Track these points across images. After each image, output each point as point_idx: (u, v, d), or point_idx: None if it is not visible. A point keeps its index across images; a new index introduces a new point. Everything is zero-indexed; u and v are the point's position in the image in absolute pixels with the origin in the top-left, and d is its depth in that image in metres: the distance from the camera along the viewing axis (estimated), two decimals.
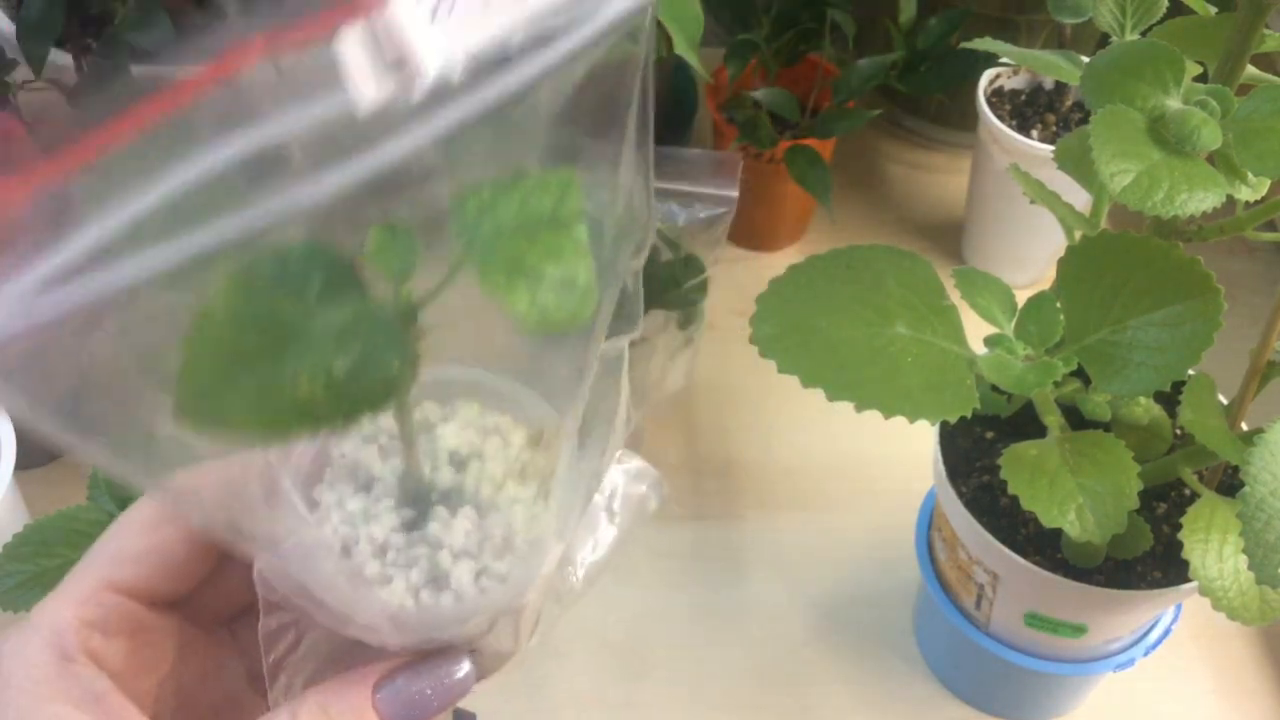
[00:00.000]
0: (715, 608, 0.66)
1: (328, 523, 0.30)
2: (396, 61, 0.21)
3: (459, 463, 0.31)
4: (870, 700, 0.62)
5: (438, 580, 0.30)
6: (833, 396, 0.41)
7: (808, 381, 0.41)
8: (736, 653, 0.64)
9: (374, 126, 0.21)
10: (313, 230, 0.23)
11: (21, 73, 0.66)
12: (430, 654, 0.31)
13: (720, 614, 0.65)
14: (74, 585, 0.31)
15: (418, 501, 0.31)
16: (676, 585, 0.67)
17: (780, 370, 0.42)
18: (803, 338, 0.43)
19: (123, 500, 0.48)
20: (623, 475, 0.35)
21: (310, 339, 0.23)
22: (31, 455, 0.66)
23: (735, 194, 0.64)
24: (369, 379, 0.24)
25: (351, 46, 0.21)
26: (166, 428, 0.24)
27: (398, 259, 0.25)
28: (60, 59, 0.68)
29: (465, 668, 0.31)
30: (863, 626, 0.65)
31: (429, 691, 0.30)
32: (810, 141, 0.75)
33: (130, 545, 0.31)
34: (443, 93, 0.21)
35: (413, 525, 0.31)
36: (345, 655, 0.32)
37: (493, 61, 0.22)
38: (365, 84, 0.21)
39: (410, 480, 0.31)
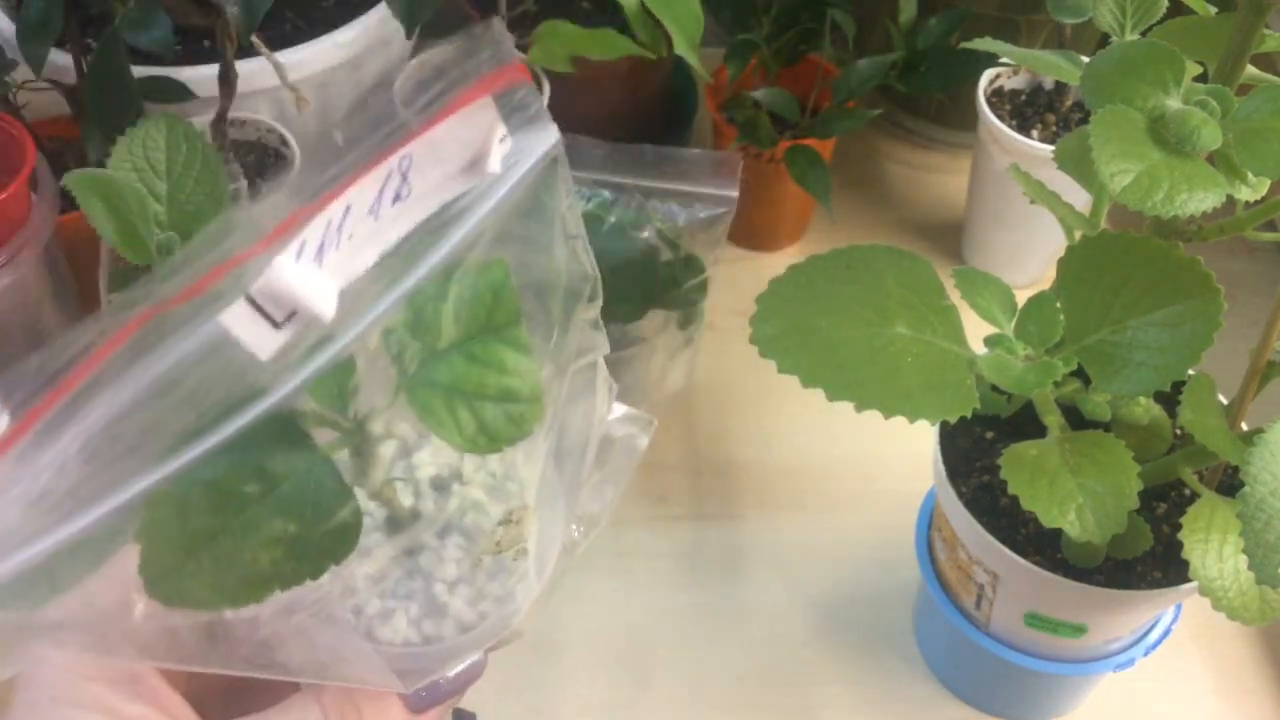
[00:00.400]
0: (715, 608, 0.66)
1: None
2: (290, 315, 0.21)
3: (440, 486, 0.32)
4: (870, 700, 0.62)
5: (436, 610, 0.30)
6: (833, 396, 0.41)
7: (808, 381, 0.41)
8: (736, 653, 0.64)
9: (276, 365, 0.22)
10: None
11: (21, 73, 0.66)
12: None
13: (720, 614, 0.65)
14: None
15: (407, 529, 0.31)
16: (676, 585, 0.67)
17: (780, 370, 0.42)
18: (803, 338, 0.43)
19: None
20: (612, 424, 0.35)
21: (258, 509, 0.24)
22: None
23: (735, 194, 0.64)
24: (325, 535, 0.24)
25: (237, 319, 0.21)
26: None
27: (334, 388, 0.25)
28: (60, 59, 0.68)
29: (477, 652, 0.32)
30: (863, 626, 0.65)
31: (444, 674, 0.31)
32: (810, 141, 0.75)
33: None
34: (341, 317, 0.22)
35: (407, 553, 0.31)
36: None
37: (396, 256, 0.23)
38: (263, 343, 0.21)
39: (395, 520, 0.31)
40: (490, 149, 0.24)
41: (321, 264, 0.22)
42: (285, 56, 0.70)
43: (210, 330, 0.21)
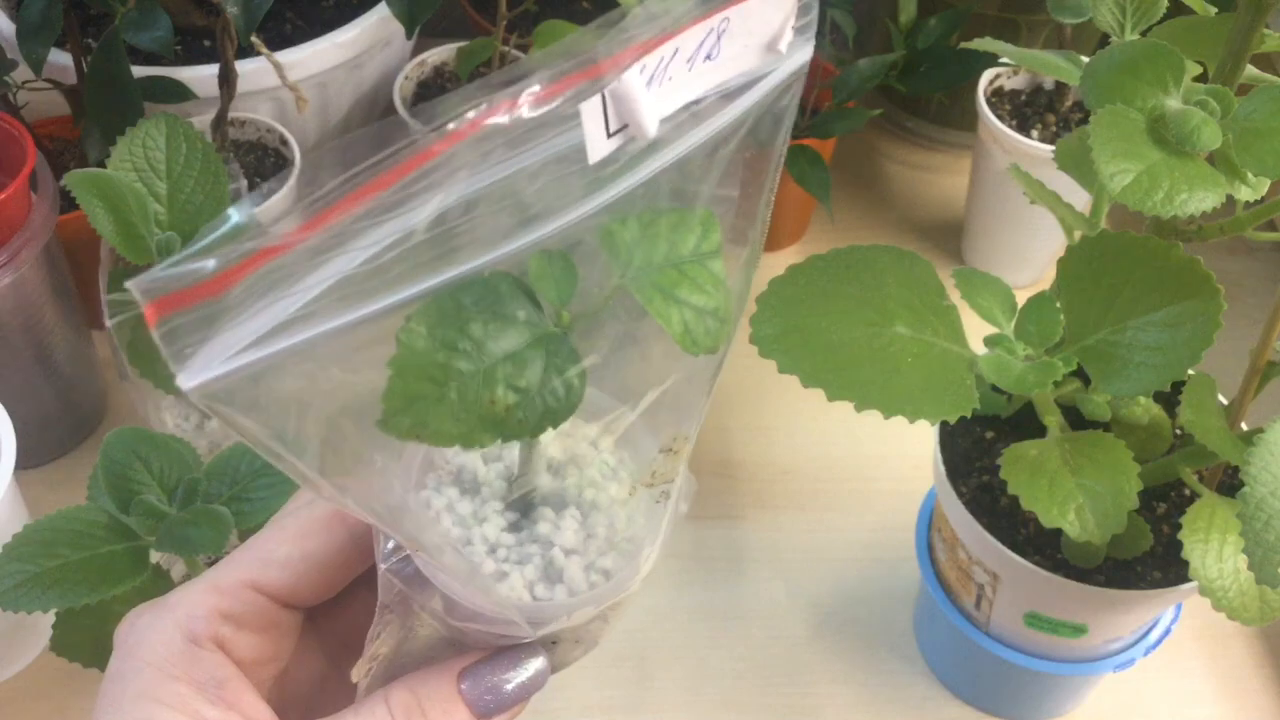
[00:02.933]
0: (715, 608, 0.66)
1: (440, 524, 0.32)
2: (622, 128, 0.25)
3: (555, 469, 0.34)
4: (870, 700, 0.62)
5: (550, 575, 0.32)
6: (833, 396, 0.41)
7: (808, 381, 0.41)
8: (736, 652, 0.64)
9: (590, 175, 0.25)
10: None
11: (22, 73, 0.66)
12: (509, 648, 0.33)
13: (720, 614, 0.65)
14: (218, 576, 0.32)
15: (521, 505, 0.33)
16: (676, 585, 0.67)
17: (780, 370, 0.42)
18: (803, 338, 0.43)
19: (124, 502, 0.48)
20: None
21: (500, 358, 0.26)
22: (31, 455, 0.67)
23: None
24: (556, 393, 0.27)
25: (591, 112, 0.25)
26: (352, 437, 0.26)
27: (558, 284, 0.28)
28: (60, 59, 0.68)
29: (540, 661, 0.33)
30: (863, 626, 0.65)
31: (508, 680, 0.32)
32: (810, 141, 0.75)
33: (280, 550, 0.33)
34: (650, 147, 0.26)
35: (518, 527, 0.32)
36: (432, 656, 0.33)
37: (684, 117, 0.26)
38: (596, 145, 0.25)
39: (517, 485, 0.33)
40: (785, 31, 0.27)
41: (649, 93, 0.25)
42: (285, 56, 0.70)
43: (563, 139, 0.24)
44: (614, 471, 0.34)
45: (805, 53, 0.28)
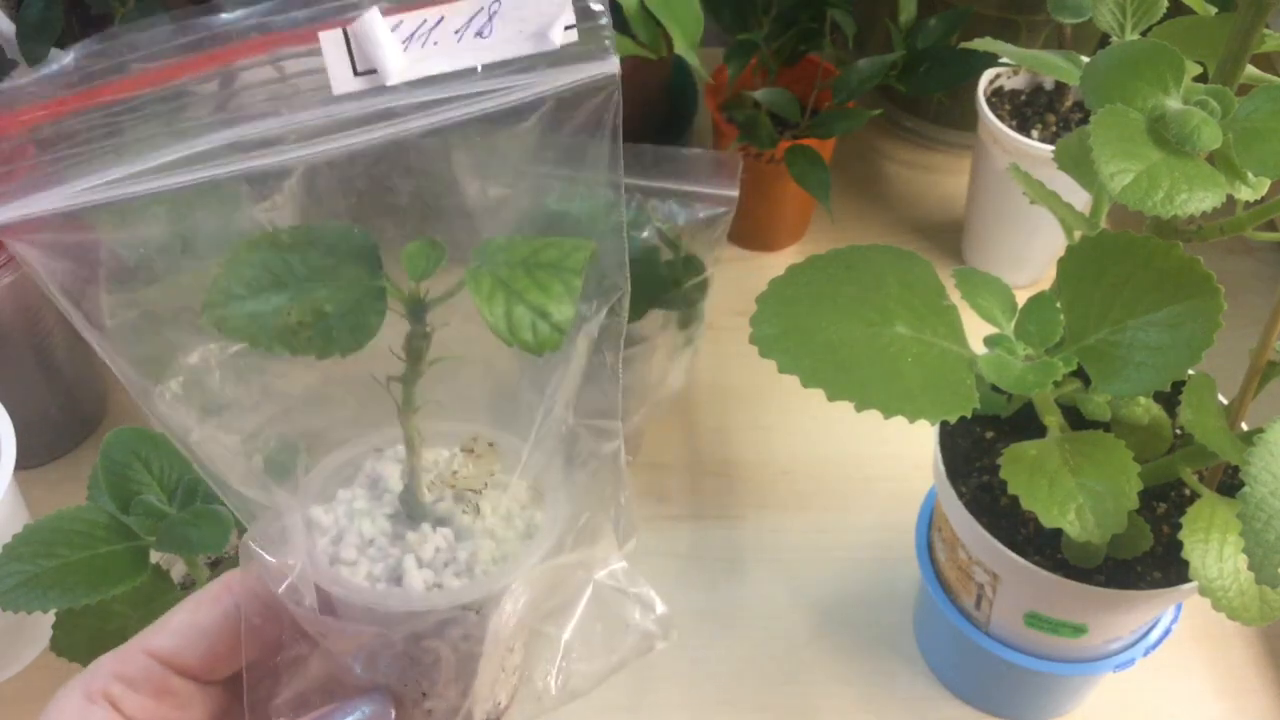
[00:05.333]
0: (715, 608, 0.66)
1: (333, 513, 0.34)
2: (369, 71, 0.27)
3: (458, 493, 0.35)
4: (870, 700, 0.62)
5: (394, 578, 0.33)
6: (833, 396, 0.41)
7: (808, 381, 0.41)
8: (737, 653, 0.64)
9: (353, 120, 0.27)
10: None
11: (21, 73, 0.66)
12: (361, 698, 0.34)
13: (720, 614, 0.65)
14: (123, 646, 0.35)
15: (415, 516, 0.35)
16: (676, 585, 0.67)
17: (780, 370, 0.42)
18: (803, 338, 0.43)
19: (124, 502, 0.48)
20: (633, 602, 0.38)
21: (313, 286, 0.29)
22: (31, 455, 0.67)
23: (735, 194, 0.64)
24: (346, 326, 0.29)
25: (331, 43, 0.27)
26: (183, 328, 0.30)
27: (423, 263, 0.30)
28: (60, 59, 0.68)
29: (374, 708, 0.34)
30: (863, 626, 0.65)
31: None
32: (810, 141, 0.75)
33: (173, 619, 0.35)
34: (415, 104, 0.28)
35: (398, 534, 0.34)
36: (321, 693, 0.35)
37: (460, 89, 0.28)
38: (340, 78, 0.27)
39: (411, 497, 0.34)
40: (556, 27, 0.28)
41: (406, 49, 0.27)
42: None
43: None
44: (508, 516, 0.35)
45: (605, 65, 0.29)
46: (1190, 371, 0.43)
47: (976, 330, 0.45)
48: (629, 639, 0.37)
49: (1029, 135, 0.74)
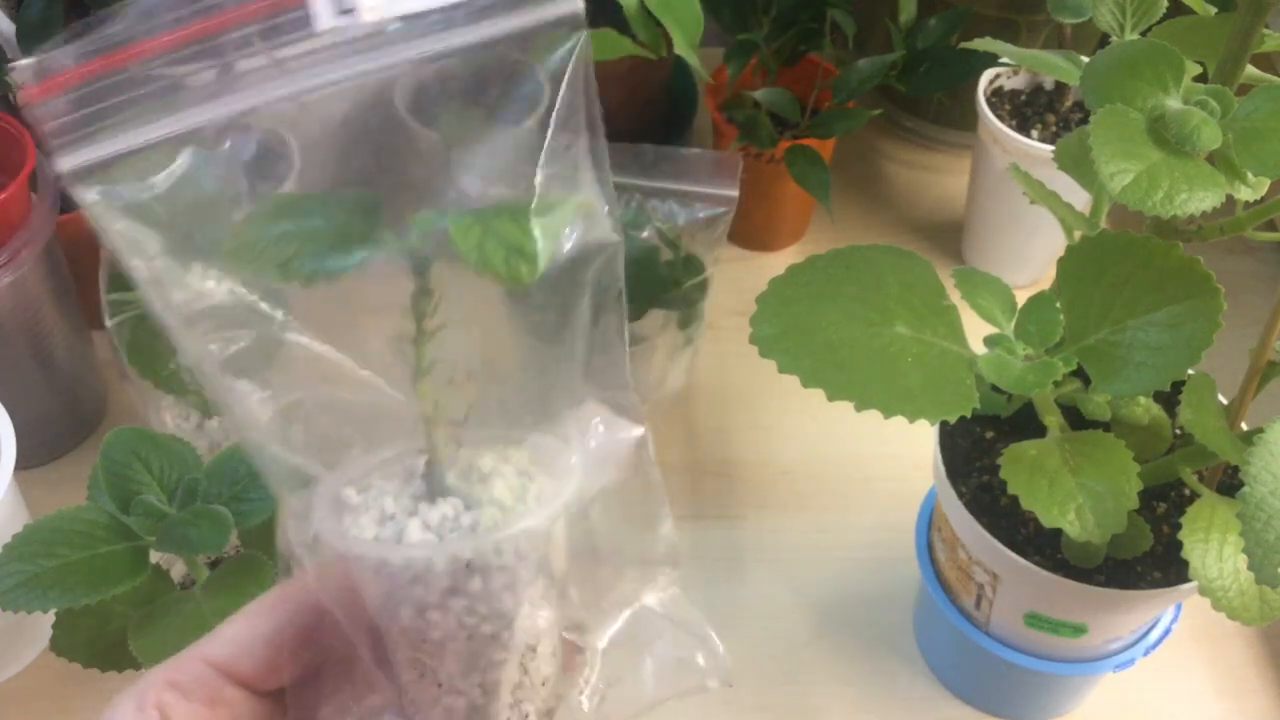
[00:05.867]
0: (715, 608, 0.66)
1: (364, 495, 0.35)
2: (350, 9, 0.29)
3: (485, 483, 0.35)
4: (870, 700, 0.62)
5: (394, 530, 0.34)
6: (833, 396, 0.41)
7: (808, 381, 0.41)
8: (737, 653, 0.64)
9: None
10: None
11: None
12: None
13: (720, 614, 0.65)
14: (178, 654, 0.35)
15: (436, 493, 0.35)
16: (676, 585, 0.66)
17: (780, 370, 0.42)
18: (803, 338, 0.43)
19: (124, 502, 0.48)
20: (689, 636, 0.38)
21: (311, 220, 0.31)
22: (31, 455, 0.67)
23: (735, 194, 0.64)
24: (339, 261, 0.31)
25: None
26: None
27: (427, 223, 0.31)
28: None
29: None
30: (863, 626, 0.65)
31: None
32: (810, 141, 0.75)
33: (228, 628, 0.35)
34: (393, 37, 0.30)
35: (414, 510, 0.34)
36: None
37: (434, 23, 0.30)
38: (321, 13, 0.28)
39: (430, 471, 0.35)
40: None
41: None
42: None
43: None
44: (520, 489, 0.35)
45: (569, 4, 0.30)
46: (1190, 371, 0.43)
47: (976, 330, 0.45)
48: (680, 674, 0.37)
49: (1029, 135, 0.74)
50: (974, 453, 0.53)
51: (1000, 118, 0.74)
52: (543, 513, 0.34)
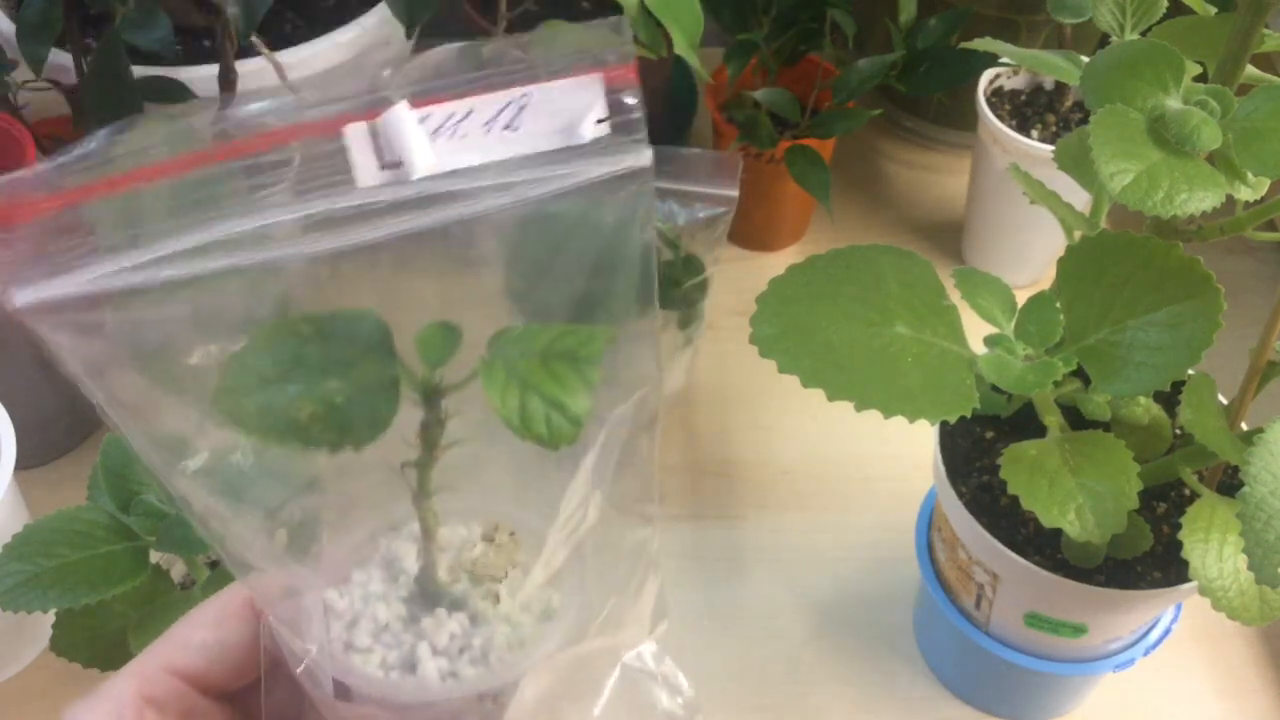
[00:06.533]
0: (715, 608, 0.66)
1: (348, 597, 0.34)
2: (396, 163, 0.26)
3: (477, 579, 0.35)
4: (870, 700, 0.62)
5: (409, 665, 0.33)
6: (833, 396, 0.41)
7: (808, 381, 0.41)
8: (736, 653, 0.64)
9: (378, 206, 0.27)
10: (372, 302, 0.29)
11: (21, 73, 0.66)
12: None
13: (720, 614, 0.65)
14: (139, 663, 0.34)
15: (430, 599, 0.34)
16: (677, 585, 0.67)
17: (780, 370, 0.42)
18: (803, 338, 0.43)
19: (124, 502, 0.48)
20: (661, 684, 0.38)
21: (325, 377, 0.29)
22: (31, 455, 0.66)
23: (735, 194, 0.64)
24: (358, 420, 0.29)
25: (356, 136, 0.26)
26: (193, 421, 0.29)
27: (437, 349, 0.29)
28: (60, 59, 0.68)
29: None
30: (863, 626, 0.65)
31: None
32: (810, 141, 0.75)
33: (196, 635, 0.34)
34: (441, 195, 0.27)
35: (414, 617, 0.34)
36: None
37: (489, 182, 0.27)
38: (365, 173, 0.26)
39: (427, 579, 0.34)
40: (587, 120, 0.28)
41: (434, 142, 0.26)
42: (285, 56, 0.70)
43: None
44: (528, 600, 0.35)
45: (638, 157, 0.28)
46: (1190, 371, 0.43)
47: (976, 330, 0.45)
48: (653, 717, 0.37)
49: (1029, 135, 0.74)
50: (974, 453, 0.53)
51: (1000, 118, 0.74)
52: (556, 634, 0.34)
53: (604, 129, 0.28)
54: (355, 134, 0.26)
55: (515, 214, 0.28)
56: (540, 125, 0.27)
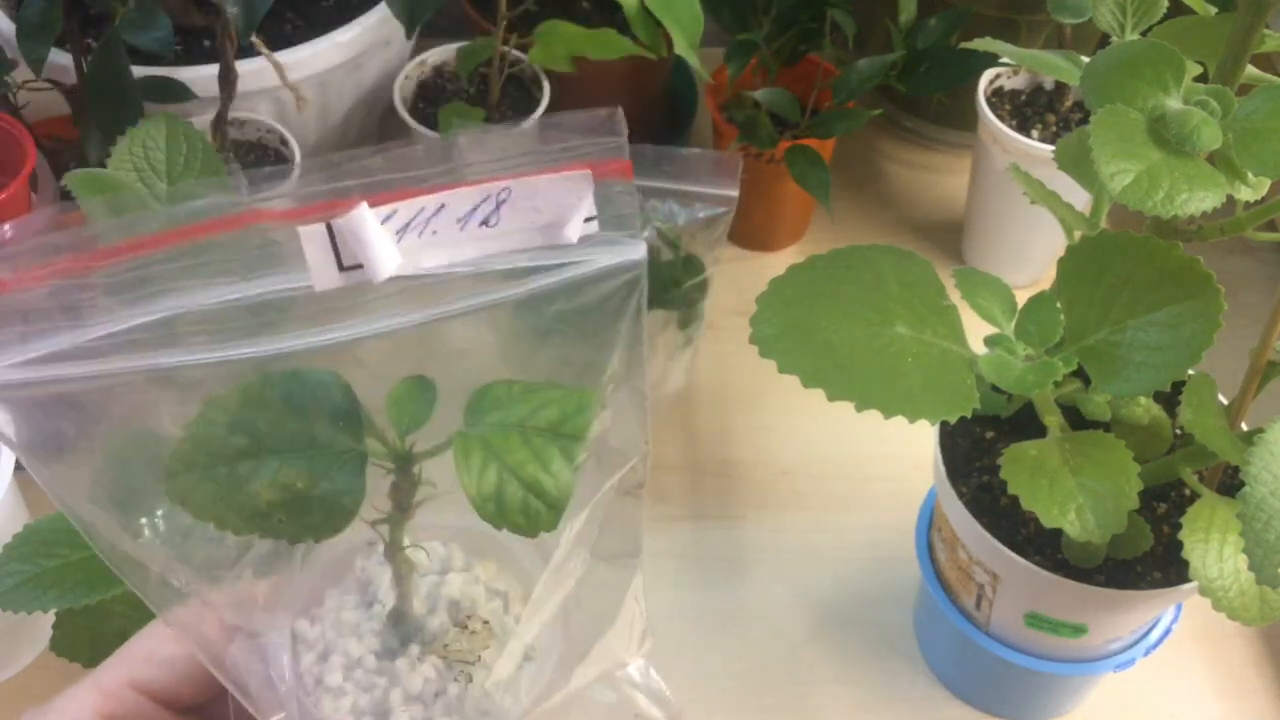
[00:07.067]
0: (715, 608, 0.66)
1: (320, 625, 0.32)
2: (356, 266, 0.24)
3: (455, 613, 0.33)
4: (870, 700, 0.62)
5: (380, 715, 0.31)
6: (833, 396, 0.41)
7: (808, 382, 0.41)
8: (737, 653, 0.64)
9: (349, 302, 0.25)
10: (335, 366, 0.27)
11: (22, 73, 0.66)
12: None
13: (720, 614, 0.65)
14: (100, 677, 0.32)
15: (405, 632, 0.32)
16: (676, 585, 0.67)
17: (780, 370, 0.42)
18: (803, 338, 0.43)
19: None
20: (643, 693, 0.36)
21: (285, 458, 0.26)
22: None
23: (735, 194, 0.64)
24: (322, 509, 0.26)
25: (312, 238, 0.24)
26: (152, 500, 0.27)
27: (410, 413, 0.27)
28: (60, 59, 0.68)
29: None
30: (863, 626, 0.65)
31: None
32: (810, 141, 0.75)
33: (161, 650, 0.32)
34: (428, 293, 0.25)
35: (389, 654, 0.32)
36: None
37: (477, 277, 0.25)
38: (324, 276, 0.24)
39: (393, 614, 0.32)
40: (573, 218, 0.25)
41: (401, 240, 0.24)
42: (285, 56, 0.70)
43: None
44: (498, 622, 0.33)
45: (635, 250, 0.27)
46: (1190, 371, 0.43)
47: (976, 330, 0.45)
48: None
49: (1029, 135, 0.74)
50: (974, 453, 0.53)
51: (1000, 118, 0.74)
52: (535, 684, 0.32)
53: (593, 227, 0.26)
54: (311, 237, 0.24)
55: (512, 299, 0.26)
56: (521, 222, 0.25)
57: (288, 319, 0.25)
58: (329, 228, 0.24)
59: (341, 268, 0.24)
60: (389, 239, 0.24)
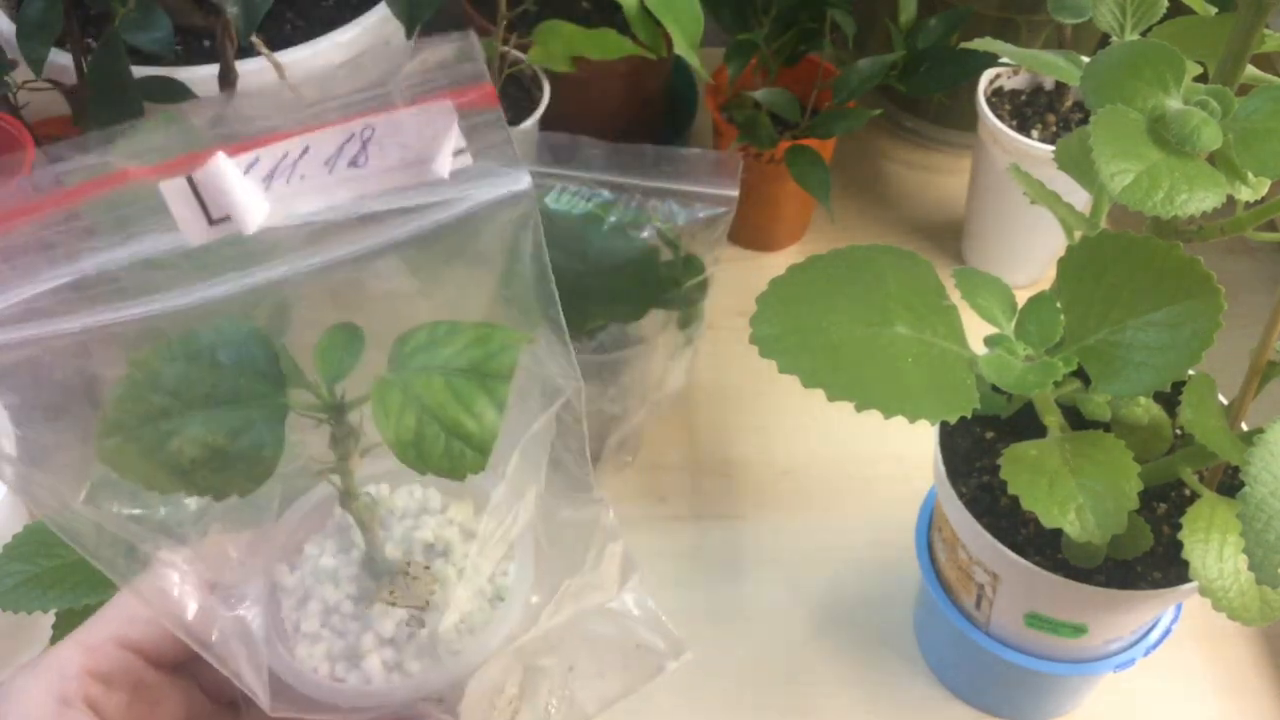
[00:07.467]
0: (715, 608, 0.66)
1: (299, 571, 0.32)
2: (224, 218, 0.24)
3: (430, 554, 0.32)
4: (870, 700, 0.62)
5: (353, 658, 0.31)
6: (833, 396, 0.41)
7: (808, 382, 0.41)
8: (736, 653, 0.64)
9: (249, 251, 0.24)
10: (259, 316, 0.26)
11: (21, 73, 0.66)
12: None
13: (720, 614, 0.65)
14: (86, 634, 0.32)
15: (378, 576, 0.32)
16: (676, 585, 0.67)
17: (781, 370, 0.42)
18: (803, 338, 0.43)
19: None
20: (642, 624, 0.36)
21: (206, 414, 0.25)
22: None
23: (735, 194, 0.64)
24: (242, 463, 0.26)
25: (174, 193, 0.23)
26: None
27: (335, 362, 0.27)
28: (60, 59, 0.68)
29: None
30: (863, 626, 0.65)
31: None
32: (810, 141, 0.75)
33: (143, 606, 0.32)
34: (295, 242, 0.24)
35: (364, 598, 0.32)
36: None
37: (351, 220, 0.25)
38: (194, 231, 0.24)
39: (373, 565, 0.32)
40: (442, 152, 0.25)
41: (269, 187, 0.24)
42: (285, 56, 0.70)
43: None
44: (471, 563, 0.32)
45: (516, 181, 0.26)
46: (1190, 371, 0.43)
47: (976, 330, 0.45)
48: (638, 660, 0.36)
49: (1029, 135, 0.74)
50: (974, 453, 0.53)
51: (1000, 118, 0.74)
52: (506, 622, 0.32)
53: (465, 160, 0.25)
54: (174, 191, 0.23)
55: (412, 235, 0.25)
56: (391, 160, 0.25)
57: (183, 274, 0.24)
58: (189, 181, 0.23)
59: (211, 221, 0.24)
60: (255, 187, 0.24)
